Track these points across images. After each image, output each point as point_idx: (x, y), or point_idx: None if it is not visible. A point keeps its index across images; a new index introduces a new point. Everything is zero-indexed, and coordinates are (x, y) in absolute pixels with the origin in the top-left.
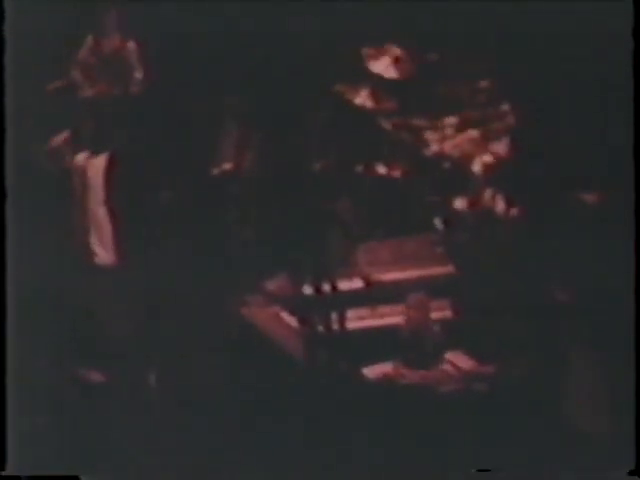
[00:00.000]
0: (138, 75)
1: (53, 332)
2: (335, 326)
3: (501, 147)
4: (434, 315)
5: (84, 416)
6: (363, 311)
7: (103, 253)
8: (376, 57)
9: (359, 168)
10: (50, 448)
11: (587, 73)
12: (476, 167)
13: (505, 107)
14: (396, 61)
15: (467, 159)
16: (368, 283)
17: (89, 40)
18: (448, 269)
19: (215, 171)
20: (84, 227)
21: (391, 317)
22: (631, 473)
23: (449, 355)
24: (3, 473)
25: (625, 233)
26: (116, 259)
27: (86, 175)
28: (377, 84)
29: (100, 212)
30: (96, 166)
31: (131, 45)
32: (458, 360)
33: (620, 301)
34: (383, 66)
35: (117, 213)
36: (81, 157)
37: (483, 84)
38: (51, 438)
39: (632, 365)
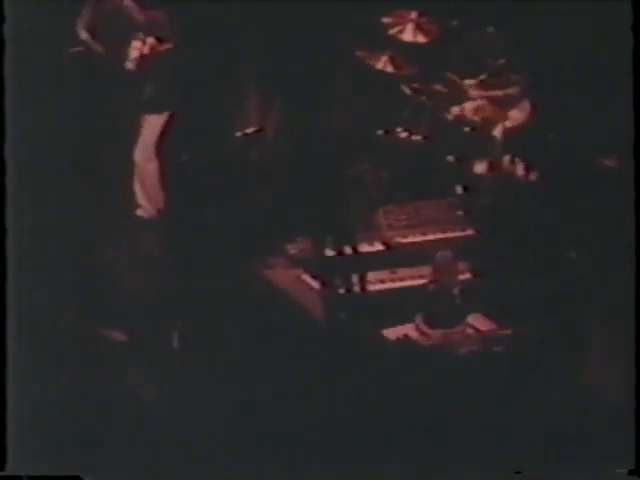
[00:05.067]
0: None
1: (54, 330)
2: (356, 288)
3: (521, 112)
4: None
5: (85, 416)
6: (383, 274)
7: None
8: (396, 23)
9: (380, 132)
10: (50, 448)
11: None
12: (496, 132)
13: (525, 73)
14: (416, 26)
15: (487, 124)
16: (388, 246)
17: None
18: (468, 232)
19: (238, 134)
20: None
21: (411, 280)
22: (631, 473)
23: (469, 317)
24: (3, 473)
25: None
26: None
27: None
28: (397, 49)
29: (150, 167)
30: (153, 122)
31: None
32: (477, 322)
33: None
34: (404, 32)
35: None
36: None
37: (503, 50)
38: (51, 438)
39: (632, 362)
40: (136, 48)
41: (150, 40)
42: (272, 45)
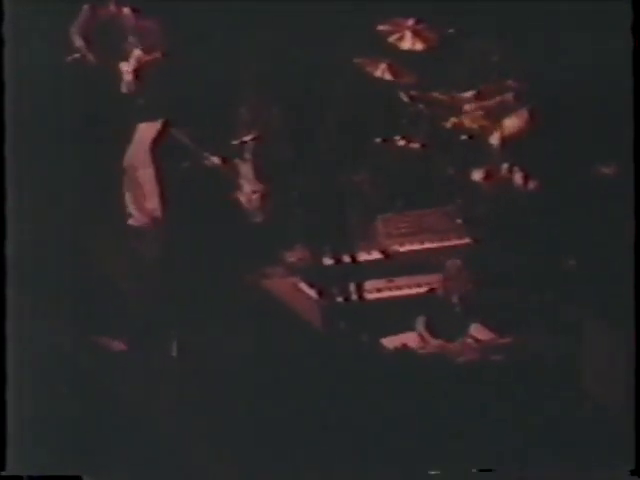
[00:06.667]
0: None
1: (54, 331)
2: (354, 297)
3: (519, 119)
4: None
5: (85, 416)
6: (381, 282)
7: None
8: (395, 31)
9: (378, 140)
10: (50, 448)
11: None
12: (494, 140)
13: (522, 80)
14: (414, 34)
15: (485, 132)
16: (387, 255)
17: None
18: (466, 241)
19: (234, 142)
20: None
21: (409, 288)
22: (631, 473)
23: (470, 328)
24: (3, 473)
25: None
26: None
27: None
28: (396, 57)
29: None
30: (146, 130)
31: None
32: (476, 331)
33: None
34: (402, 39)
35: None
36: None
37: (500, 57)
38: (51, 438)
39: (632, 364)
40: (126, 71)
41: (138, 52)
42: (271, 52)
